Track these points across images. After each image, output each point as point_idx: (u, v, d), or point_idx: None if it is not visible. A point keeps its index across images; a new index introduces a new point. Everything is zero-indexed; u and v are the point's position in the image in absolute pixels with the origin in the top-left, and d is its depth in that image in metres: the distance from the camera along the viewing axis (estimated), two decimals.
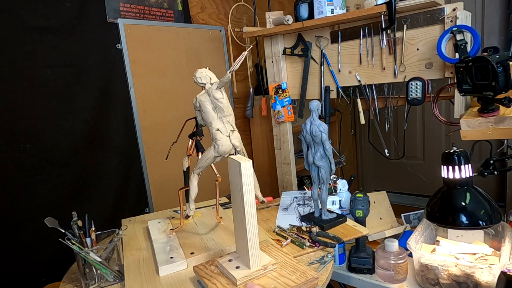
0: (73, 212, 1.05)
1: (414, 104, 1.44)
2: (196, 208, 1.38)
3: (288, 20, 1.67)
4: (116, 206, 1.67)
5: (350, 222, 1.26)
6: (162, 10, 1.86)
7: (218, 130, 0.97)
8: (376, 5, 1.42)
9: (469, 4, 2.01)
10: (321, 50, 1.70)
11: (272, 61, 1.88)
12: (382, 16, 1.42)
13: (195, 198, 1.27)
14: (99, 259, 0.98)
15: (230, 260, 0.91)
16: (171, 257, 1.00)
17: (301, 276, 0.86)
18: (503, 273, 0.96)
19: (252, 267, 0.87)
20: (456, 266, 1.04)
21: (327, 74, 1.72)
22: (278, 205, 1.46)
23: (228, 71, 0.92)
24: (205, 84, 1.00)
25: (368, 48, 1.56)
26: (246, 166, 0.83)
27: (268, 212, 1.41)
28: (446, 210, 1.13)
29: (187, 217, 1.11)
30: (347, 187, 1.61)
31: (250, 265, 0.87)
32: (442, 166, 1.15)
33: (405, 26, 1.43)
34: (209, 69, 1.04)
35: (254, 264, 0.87)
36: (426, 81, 1.40)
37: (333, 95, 1.72)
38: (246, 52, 0.91)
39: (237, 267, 0.88)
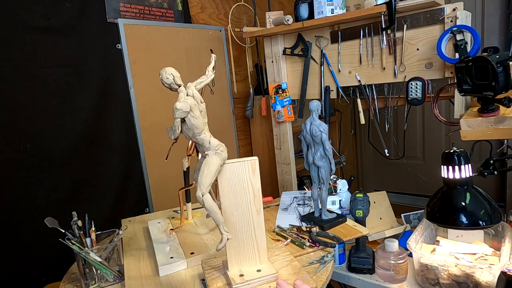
0: (73, 212, 1.05)
1: (414, 104, 1.44)
2: (196, 209, 1.38)
3: (288, 20, 1.67)
4: (116, 206, 1.67)
5: (350, 222, 1.26)
6: (162, 10, 1.86)
7: (211, 136, 0.87)
8: (376, 5, 1.42)
9: (469, 4, 2.01)
10: (321, 50, 1.70)
11: (272, 61, 1.88)
12: (382, 16, 1.42)
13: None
14: (99, 259, 0.98)
15: (241, 275, 0.85)
16: (171, 257, 1.00)
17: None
18: (503, 273, 0.96)
19: (267, 261, 0.90)
20: (456, 266, 1.04)
21: (327, 74, 1.72)
22: (278, 205, 1.46)
23: (212, 72, 0.89)
24: (180, 85, 0.86)
25: (368, 48, 1.56)
26: (257, 162, 0.85)
27: (268, 212, 1.41)
28: (446, 210, 1.13)
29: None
30: (347, 187, 1.61)
31: (267, 259, 0.90)
32: (442, 166, 1.15)
33: (405, 26, 1.43)
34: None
35: (266, 257, 0.90)
36: (426, 81, 1.40)
37: (333, 95, 1.71)
38: (215, 55, 0.90)
39: (258, 270, 0.87)
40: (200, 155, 1.17)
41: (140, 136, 1.76)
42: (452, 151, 1.13)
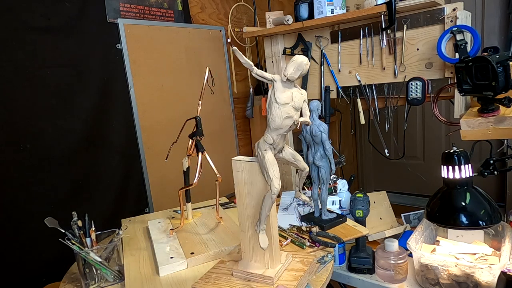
0: (73, 212, 1.05)
1: (414, 104, 1.44)
2: (196, 209, 1.38)
3: (288, 20, 1.67)
4: (116, 206, 1.67)
5: (350, 222, 1.26)
6: (162, 10, 1.86)
7: None
8: (376, 5, 1.42)
9: (469, 4, 2.01)
10: (321, 50, 1.70)
11: (272, 61, 1.88)
12: (382, 16, 1.42)
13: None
14: (99, 259, 0.99)
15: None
16: (171, 257, 1.00)
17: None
18: (503, 273, 0.96)
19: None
20: (456, 266, 1.04)
21: (327, 74, 1.72)
22: (278, 205, 1.46)
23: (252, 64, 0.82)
24: None
25: (368, 48, 1.56)
26: None
27: None
28: (446, 210, 1.13)
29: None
30: (347, 187, 1.61)
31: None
32: (442, 166, 1.15)
33: (405, 26, 1.43)
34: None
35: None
36: (426, 81, 1.40)
37: (333, 95, 1.71)
38: (235, 48, 0.85)
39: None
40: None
41: (140, 136, 1.76)
42: (452, 151, 1.13)
